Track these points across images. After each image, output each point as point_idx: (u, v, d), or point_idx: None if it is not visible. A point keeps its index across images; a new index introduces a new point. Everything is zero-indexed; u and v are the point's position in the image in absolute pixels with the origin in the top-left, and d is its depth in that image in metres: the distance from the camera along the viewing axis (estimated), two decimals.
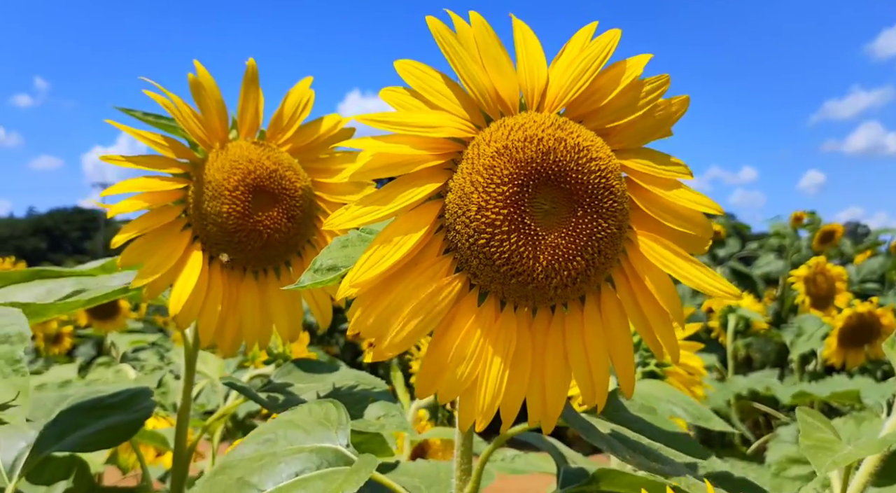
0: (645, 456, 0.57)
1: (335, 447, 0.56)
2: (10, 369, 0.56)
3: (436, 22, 0.46)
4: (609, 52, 0.47)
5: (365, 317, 0.46)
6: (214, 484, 0.54)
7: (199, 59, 0.78)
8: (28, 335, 0.60)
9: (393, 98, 0.47)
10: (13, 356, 0.57)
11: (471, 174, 0.46)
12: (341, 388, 0.90)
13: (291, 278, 0.82)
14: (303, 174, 0.80)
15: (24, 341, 0.59)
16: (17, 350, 0.58)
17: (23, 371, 0.57)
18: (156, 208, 0.74)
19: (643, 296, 0.50)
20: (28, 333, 0.60)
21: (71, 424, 0.84)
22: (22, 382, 0.56)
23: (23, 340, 0.59)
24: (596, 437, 0.57)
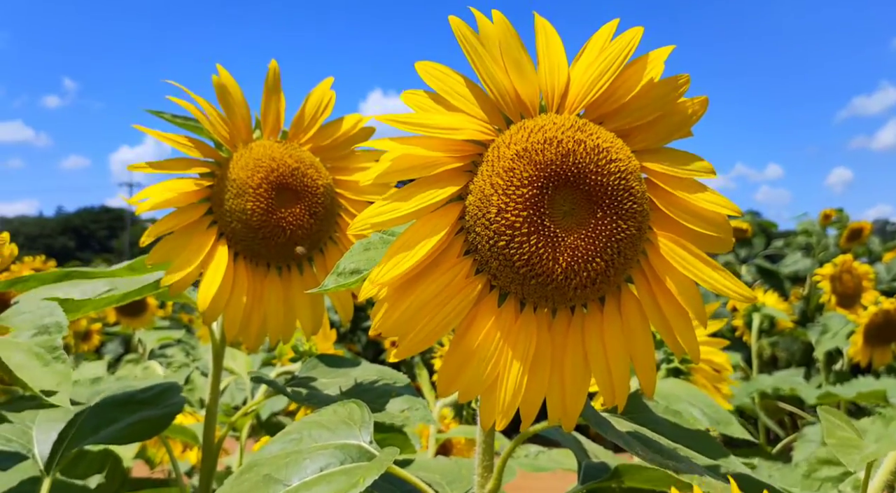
0: (661, 455, 0.57)
1: (358, 444, 0.57)
2: (50, 357, 0.59)
3: (458, 22, 0.46)
4: (630, 51, 0.47)
5: (387, 317, 0.47)
6: (243, 481, 0.55)
7: (222, 59, 0.80)
8: (65, 325, 0.62)
9: (414, 100, 0.47)
10: (52, 345, 0.60)
11: (490, 177, 0.47)
12: (364, 382, 0.91)
13: (314, 273, 0.84)
14: (324, 172, 0.82)
15: (61, 331, 0.61)
16: (56, 339, 0.60)
17: (63, 359, 0.59)
18: (182, 207, 0.76)
19: (663, 296, 0.50)
20: (65, 323, 0.62)
21: (104, 418, 0.86)
22: (63, 369, 0.58)
23: (60, 330, 0.62)
24: (612, 433, 0.57)
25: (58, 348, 0.59)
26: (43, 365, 0.58)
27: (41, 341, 0.60)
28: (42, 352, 0.59)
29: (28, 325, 0.64)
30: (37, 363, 0.58)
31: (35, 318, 0.65)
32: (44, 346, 0.59)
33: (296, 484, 0.53)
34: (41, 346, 0.59)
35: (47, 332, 0.62)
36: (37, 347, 0.59)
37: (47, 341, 0.60)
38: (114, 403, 0.90)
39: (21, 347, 0.60)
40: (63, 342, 0.61)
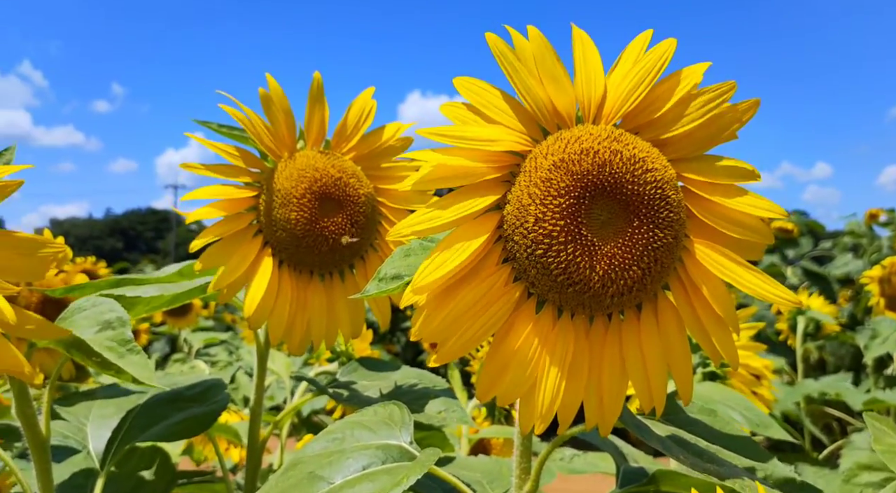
0: (700, 458, 0.57)
1: (399, 444, 0.59)
2: (124, 349, 0.62)
3: (494, 38, 0.47)
4: (665, 62, 0.48)
5: (428, 322, 0.49)
6: (288, 478, 0.57)
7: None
8: (128, 320, 0.65)
9: (452, 113, 0.49)
10: (124, 338, 0.62)
11: (528, 187, 0.48)
12: (403, 385, 0.93)
13: (355, 280, 0.86)
14: (366, 181, 0.84)
15: (125, 325, 0.64)
16: (125, 332, 0.63)
17: (137, 350, 0.62)
18: (230, 215, 0.79)
19: (700, 303, 0.51)
20: (127, 317, 0.65)
21: (154, 415, 0.90)
22: (139, 359, 0.61)
23: (124, 323, 0.64)
24: (651, 437, 0.57)
25: (130, 341, 0.62)
26: (118, 357, 0.60)
27: (111, 336, 0.63)
28: (114, 345, 0.62)
29: (90, 322, 0.66)
30: (112, 356, 0.61)
31: (95, 314, 0.67)
32: (115, 340, 0.62)
33: (339, 482, 0.55)
34: (112, 340, 0.62)
35: (111, 327, 0.65)
36: (108, 341, 0.62)
37: (117, 335, 0.63)
38: (163, 400, 0.94)
39: (93, 343, 0.63)
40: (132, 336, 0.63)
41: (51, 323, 0.58)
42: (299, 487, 0.55)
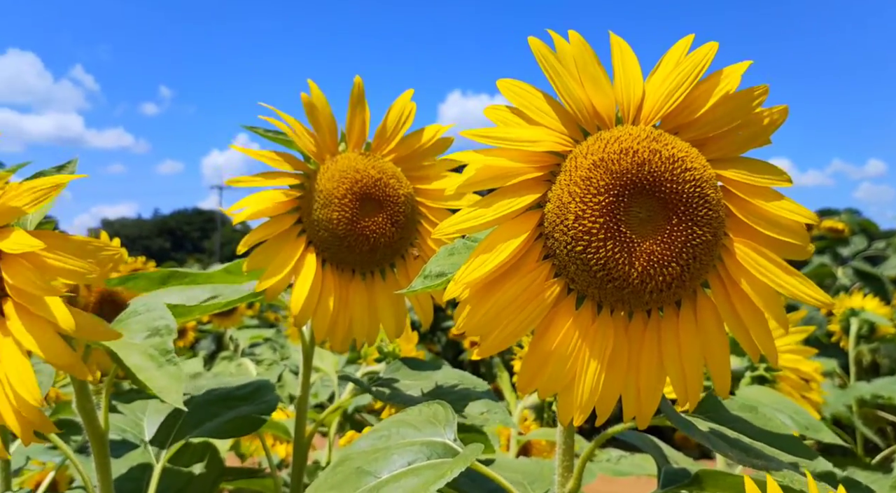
0: (746, 454, 0.57)
1: (444, 441, 0.60)
2: (164, 360, 0.64)
3: (537, 42, 0.49)
4: (705, 65, 0.49)
5: (470, 317, 0.50)
6: (336, 473, 0.59)
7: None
8: (175, 329, 0.67)
9: (495, 115, 0.50)
10: (165, 347, 0.65)
11: (568, 185, 0.49)
12: (444, 385, 0.94)
13: (396, 279, 0.87)
14: (405, 182, 0.85)
15: (171, 334, 0.67)
16: (167, 341, 0.65)
17: (175, 362, 0.64)
18: (274, 217, 0.81)
19: (739, 300, 0.51)
20: (174, 326, 0.67)
21: (206, 413, 0.93)
22: (175, 371, 0.63)
23: (170, 332, 0.67)
24: (696, 433, 0.58)
25: (170, 351, 0.65)
26: (157, 367, 0.63)
27: (154, 343, 0.65)
28: (156, 354, 0.64)
29: (142, 327, 0.69)
30: (152, 365, 0.63)
31: (148, 320, 0.70)
32: (157, 348, 0.65)
33: (386, 476, 0.56)
34: (155, 348, 0.65)
35: (159, 334, 0.67)
36: (151, 349, 0.65)
37: (160, 344, 0.65)
38: (214, 398, 0.97)
39: (137, 348, 0.65)
40: (172, 346, 0.66)
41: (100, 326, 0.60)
42: (348, 481, 0.57)
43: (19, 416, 0.55)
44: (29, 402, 0.54)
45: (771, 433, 0.65)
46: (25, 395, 0.54)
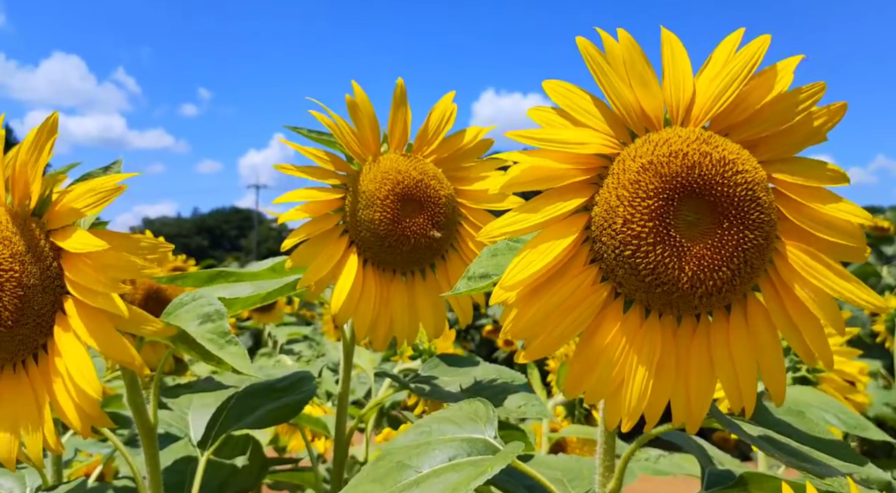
0: (795, 458, 0.56)
1: (484, 438, 0.60)
2: (223, 341, 0.66)
3: (585, 42, 0.48)
4: (756, 62, 0.47)
5: (517, 321, 0.50)
6: (378, 467, 0.60)
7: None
8: (225, 312, 0.68)
9: (541, 116, 0.50)
10: (222, 330, 0.67)
11: (616, 189, 0.49)
12: (482, 380, 0.95)
13: (437, 279, 0.88)
14: (446, 183, 0.86)
15: (223, 318, 0.68)
16: (223, 324, 0.67)
17: (235, 341, 0.66)
18: (317, 216, 0.83)
19: (792, 305, 0.50)
20: (224, 310, 0.69)
21: (248, 406, 0.95)
22: (238, 349, 0.65)
23: (222, 316, 0.68)
24: (744, 435, 0.57)
25: (228, 333, 0.66)
26: (218, 348, 0.65)
27: (211, 328, 0.67)
28: (214, 337, 0.66)
29: (192, 315, 0.71)
30: (213, 347, 0.65)
31: (196, 307, 0.72)
32: (214, 332, 0.66)
33: (426, 471, 0.57)
34: (212, 332, 0.66)
35: (211, 319, 0.69)
36: (209, 334, 0.66)
37: (217, 328, 0.67)
38: (255, 392, 0.99)
39: (195, 335, 0.67)
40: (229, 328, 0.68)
41: (157, 319, 0.63)
42: (389, 475, 0.58)
43: (80, 410, 0.57)
44: (90, 395, 0.56)
45: (819, 437, 0.64)
46: (87, 389, 0.56)
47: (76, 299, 0.58)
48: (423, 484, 0.54)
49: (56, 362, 0.58)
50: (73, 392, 0.57)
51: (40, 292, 0.59)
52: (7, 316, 0.58)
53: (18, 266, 0.58)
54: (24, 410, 0.59)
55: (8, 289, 0.58)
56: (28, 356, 0.61)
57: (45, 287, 0.59)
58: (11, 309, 0.58)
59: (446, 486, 0.53)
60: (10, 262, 0.58)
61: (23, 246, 0.59)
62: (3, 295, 0.57)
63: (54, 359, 0.59)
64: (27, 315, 0.58)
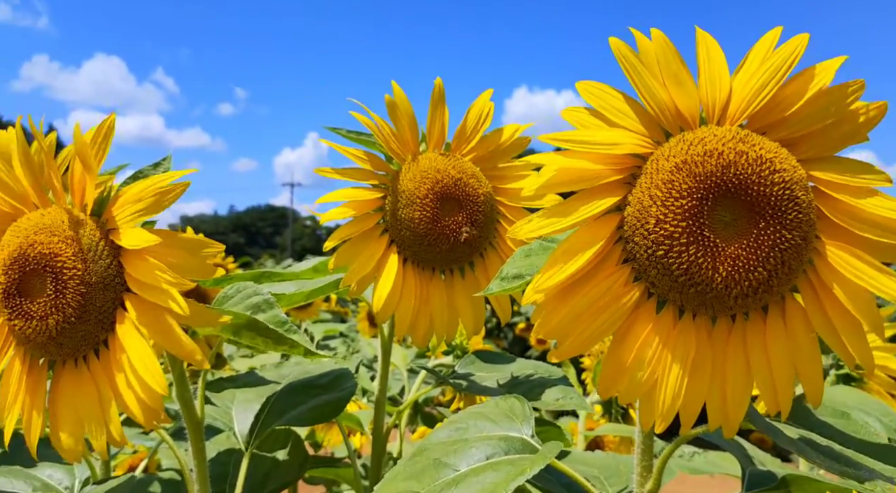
0: (836, 461, 0.55)
1: (521, 437, 0.61)
2: (283, 330, 0.67)
3: (618, 42, 0.48)
4: (794, 61, 0.47)
5: (548, 320, 0.50)
6: (415, 463, 0.61)
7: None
8: (274, 301, 0.70)
9: (574, 117, 0.50)
10: (280, 319, 0.68)
11: (649, 189, 0.48)
12: (519, 376, 0.96)
13: (475, 277, 0.89)
14: (484, 181, 0.87)
15: (273, 306, 0.69)
16: (279, 314, 0.68)
17: (293, 329, 0.67)
18: (358, 216, 0.84)
19: (831, 306, 0.49)
20: (272, 299, 0.70)
21: (290, 401, 0.97)
22: (300, 337, 0.66)
23: (272, 305, 0.69)
24: (782, 439, 0.56)
25: (286, 321, 0.67)
26: (275, 340, 0.66)
27: (266, 318, 0.68)
28: (274, 328, 0.67)
29: (240, 307, 0.71)
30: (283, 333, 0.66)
31: (243, 298, 0.73)
32: (272, 322, 0.67)
33: (464, 470, 0.57)
34: (269, 321, 0.67)
35: (261, 309, 0.69)
36: (266, 322, 0.68)
37: (273, 317, 0.68)
38: (297, 387, 1.01)
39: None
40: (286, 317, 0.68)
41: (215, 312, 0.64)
42: (426, 472, 0.58)
43: (143, 404, 0.58)
44: (155, 390, 0.58)
45: (862, 440, 0.63)
46: (152, 383, 0.58)
47: (137, 296, 0.60)
48: (462, 483, 0.55)
49: (119, 358, 0.60)
50: (138, 387, 0.58)
51: (101, 290, 0.61)
52: (70, 312, 0.60)
53: (81, 264, 0.60)
54: (86, 404, 0.61)
55: (71, 287, 0.60)
56: (90, 352, 0.63)
57: (105, 284, 0.61)
58: (74, 306, 0.60)
59: (485, 486, 0.53)
60: (73, 260, 0.60)
61: (84, 245, 0.61)
62: (67, 292, 0.60)
63: (117, 354, 0.60)
64: (89, 312, 0.60)
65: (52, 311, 0.60)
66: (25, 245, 0.61)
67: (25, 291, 0.62)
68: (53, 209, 0.63)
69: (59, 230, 0.61)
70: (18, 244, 0.61)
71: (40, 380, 0.64)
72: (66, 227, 0.61)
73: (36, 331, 0.61)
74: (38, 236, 0.61)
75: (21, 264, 0.61)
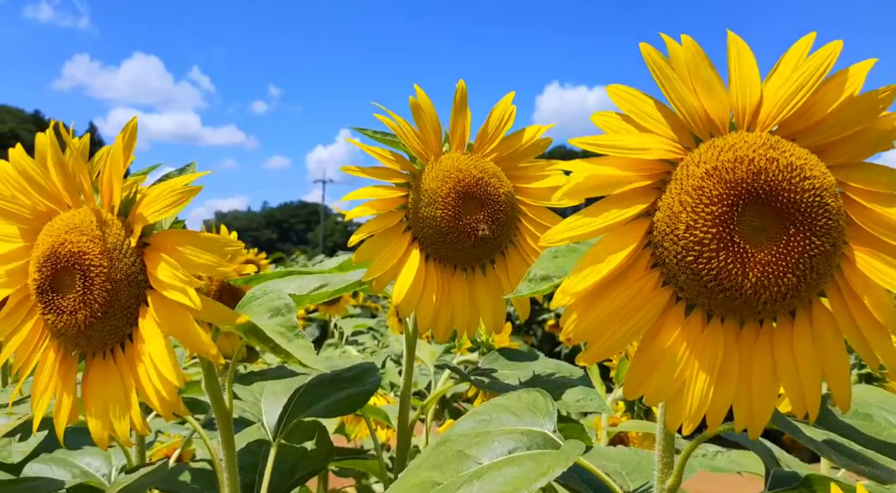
0: (855, 460, 0.55)
1: (543, 431, 0.61)
2: (291, 334, 0.69)
3: (648, 47, 0.48)
4: (828, 66, 0.47)
5: (577, 324, 0.51)
6: (438, 453, 0.62)
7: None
8: (294, 306, 0.72)
9: (604, 122, 0.50)
10: (291, 324, 0.70)
11: (679, 194, 0.49)
12: (541, 374, 0.97)
13: (496, 274, 0.90)
14: (506, 181, 0.88)
15: (292, 311, 0.71)
16: (292, 318, 0.70)
17: (301, 335, 0.69)
18: (382, 213, 0.86)
19: (859, 311, 0.50)
20: (293, 304, 0.72)
21: (316, 394, 0.99)
22: (304, 343, 0.68)
23: (290, 310, 0.71)
24: (803, 438, 0.56)
25: (296, 327, 0.69)
26: (287, 341, 0.68)
27: (280, 322, 0.70)
28: (284, 331, 0.69)
29: (263, 309, 0.74)
30: (283, 340, 0.68)
31: (267, 302, 0.75)
32: (284, 325, 0.70)
33: (487, 463, 0.57)
34: (282, 326, 0.70)
35: (280, 313, 0.72)
36: (278, 327, 0.70)
37: (286, 321, 0.70)
38: (325, 381, 1.03)
39: (265, 328, 0.71)
40: (297, 322, 0.71)
41: (231, 310, 0.67)
42: (449, 463, 0.59)
43: (160, 395, 0.61)
44: (171, 382, 0.61)
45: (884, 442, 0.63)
46: (168, 375, 0.61)
47: (157, 292, 0.63)
48: (485, 477, 0.55)
49: (140, 350, 0.63)
50: (156, 379, 0.61)
51: (126, 286, 0.63)
52: (97, 308, 0.63)
53: (107, 262, 0.63)
54: (112, 394, 0.64)
55: (98, 283, 0.62)
56: (116, 345, 0.66)
57: (129, 281, 0.64)
58: (101, 301, 0.63)
59: (506, 480, 0.54)
60: (100, 258, 0.63)
61: (110, 244, 0.63)
62: (94, 288, 0.62)
63: (139, 347, 0.63)
64: (115, 307, 0.63)
65: (81, 306, 0.63)
66: (57, 243, 0.63)
67: (57, 287, 0.64)
68: (83, 210, 0.66)
69: (88, 230, 0.63)
70: (51, 243, 0.64)
71: (71, 369, 0.68)
72: (95, 226, 0.64)
73: (66, 325, 0.64)
74: (68, 235, 0.63)
75: (53, 261, 0.63)
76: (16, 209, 0.67)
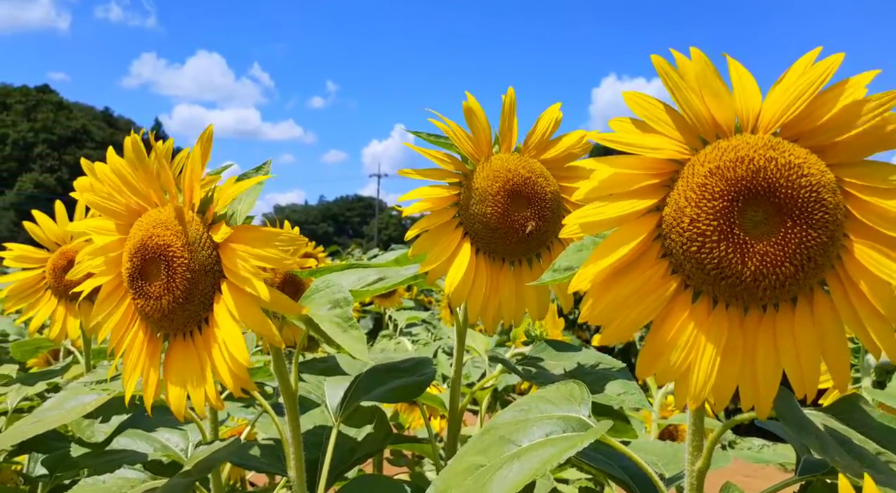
0: (858, 460, 0.58)
1: (578, 416, 0.66)
2: (347, 325, 0.76)
3: (659, 59, 0.54)
4: (827, 75, 0.51)
5: (593, 308, 0.57)
6: (483, 440, 0.67)
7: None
8: (352, 300, 0.79)
9: (619, 126, 0.56)
10: (346, 316, 0.77)
11: (685, 191, 0.54)
12: (585, 365, 1.01)
13: (542, 268, 0.95)
14: (552, 180, 0.93)
15: (349, 304, 0.78)
16: (348, 311, 0.77)
17: (356, 326, 0.76)
18: (436, 210, 0.92)
19: (858, 300, 0.53)
20: (351, 298, 0.79)
21: (374, 381, 1.07)
22: (358, 334, 0.75)
23: (348, 303, 0.79)
24: (808, 435, 0.59)
25: (351, 319, 0.77)
26: (342, 332, 0.75)
27: (338, 314, 0.78)
28: (340, 321, 0.76)
29: (324, 301, 0.81)
30: (338, 331, 0.75)
31: (327, 294, 0.82)
32: (341, 317, 0.77)
33: (526, 445, 0.63)
34: (339, 317, 0.77)
35: (339, 306, 0.79)
36: (336, 318, 0.77)
37: (343, 314, 0.77)
38: (381, 370, 1.11)
39: (324, 318, 0.78)
40: (353, 315, 0.78)
41: (294, 302, 0.74)
42: (493, 447, 0.65)
43: (232, 373, 0.69)
44: (240, 361, 0.68)
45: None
46: (238, 355, 0.68)
47: (229, 282, 0.71)
48: (524, 457, 0.61)
49: (215, 333, 0.71)
50: (228, 358, 0.69)
51: (203, 275, 0.71)
52: (179, 294, 0.71)
53: (188, 254, 0.71)
54: (191, 370, 0.72)
55: (179, 272, 0.71)
56: (194, 327, 0.74)
57: (206, 271, 0.72)
58: (182, 288, 0.71)
59: (542, 458, 0.59)
60: (182, 250, 0.71)
61: (191, 238, 0.72)
62: (176, 277, 0.71)
63: (213, 330, 0.71)
64: (194, 294, 0.71)
65: (165, 292, 0.71)
66: (146, 237, 0.72)
67: (146, 275, 0.73)
68: (168, 208, 0.74)
69: (172, 225, 0.72)
70: (141, 236, 0.73)
71: (157, 348, 0.77)
72: (177, 222, 0.72)
73: (153, 309, 0.73)
74: (155, 230, 0.72)
75: (142, 252, 0.72)
76: (113, 206, 0.77)
